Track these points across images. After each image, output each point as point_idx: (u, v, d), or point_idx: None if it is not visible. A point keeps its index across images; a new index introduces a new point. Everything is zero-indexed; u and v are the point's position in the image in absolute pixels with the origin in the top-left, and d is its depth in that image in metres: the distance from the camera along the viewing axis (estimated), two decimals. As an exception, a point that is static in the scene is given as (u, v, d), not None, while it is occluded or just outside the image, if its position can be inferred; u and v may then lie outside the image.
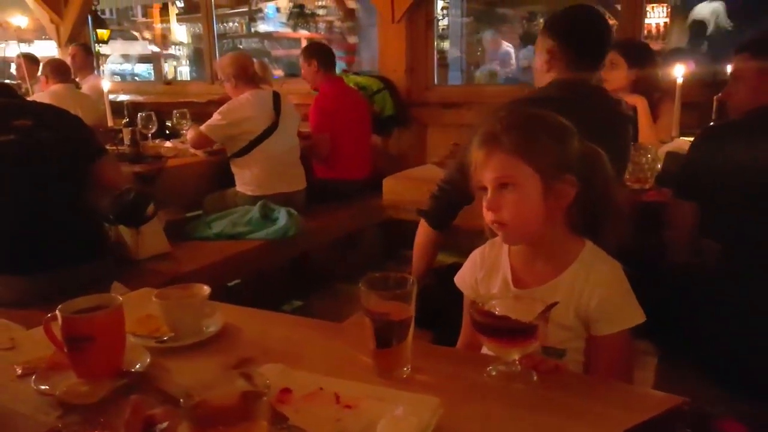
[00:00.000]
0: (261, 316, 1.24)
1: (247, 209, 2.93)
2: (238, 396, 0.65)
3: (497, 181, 1.03)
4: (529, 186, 1.02)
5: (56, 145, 2.15)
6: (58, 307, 0.96)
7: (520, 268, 1.10)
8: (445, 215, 1.75)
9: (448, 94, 3.64)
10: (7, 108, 2.18)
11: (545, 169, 1.02)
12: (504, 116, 1.06)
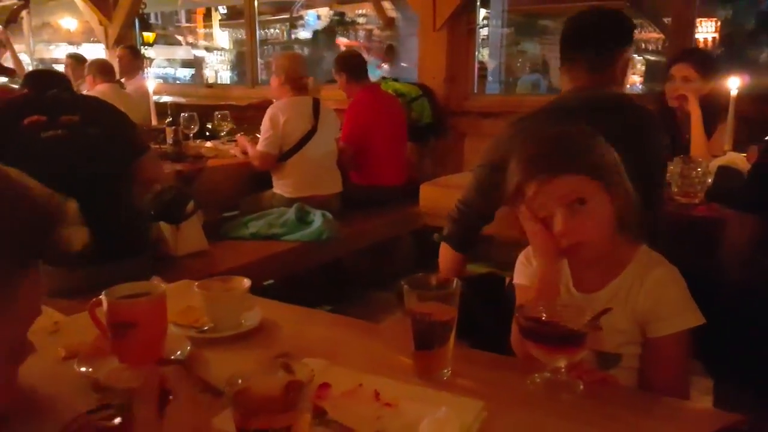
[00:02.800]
0: (298, 312, 1.24)
1: (282, 211, 2.95)
2: (283, 386, 0.64)
3: (566, 200, 0.99)
4: (600, 199, 1.00)
5: (102, 142, 2.19)
6: (104, 291, 0.97)
7: (577, 272, 1.08)
8: (467, 237, 1.67)
9: (488, 104, 3.61)
10: (57, 102, 2.24)
11: (606, 179, 1.00)
12: (547, 136, 1.05)
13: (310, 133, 3.05)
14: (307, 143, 3.04)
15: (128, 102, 4.06)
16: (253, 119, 4.36)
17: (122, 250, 2.22)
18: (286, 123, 3.01)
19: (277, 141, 3.02)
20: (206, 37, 9.19)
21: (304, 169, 3.06)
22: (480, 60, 4.06)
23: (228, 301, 1.12)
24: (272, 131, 3.01)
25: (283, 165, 3.07)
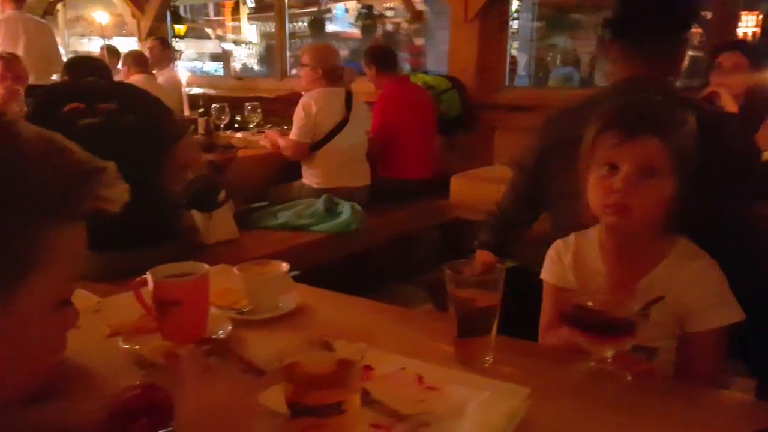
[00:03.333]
0: (335, 298, 1.24)
1: (311, 201, 2.97)
2: (333, 363, 0.64)
3: (642, 165, 0.96)
4: (670, 181, 0.97)
5: (138, 129, 2.23)
6: (149, 270, 0.98)
7: (611, 262, 1.06)
8: (505, 243, 1.61)
9: (519, 97, 3.57)
10: (96, 89, 2.28)
11: (680, 162, 0.97)
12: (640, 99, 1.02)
13: (342, 124, 3.05)
14: (337, 134, 3.04)
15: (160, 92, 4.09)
16: (281, 111, 4.39)
17: (155, 236, 2.26)
18: (318, 113, 3.01)
19: (309, 130, 3.03)
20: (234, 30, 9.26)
21: (333, 160, 3.06)
22: (510, 54, 4.02)
23: (267, 284, 1.13)
24: (305, 120, 3.01)
25: (313, 156, 3.08)
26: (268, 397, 0.77)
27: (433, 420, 0.73)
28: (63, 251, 0.50)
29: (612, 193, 0.97)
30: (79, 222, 0.52)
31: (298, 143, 3.05)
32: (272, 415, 0.76)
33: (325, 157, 3.06)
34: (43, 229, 0.48)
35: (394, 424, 0.73)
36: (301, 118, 3.03)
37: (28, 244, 0.47)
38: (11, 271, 0.46)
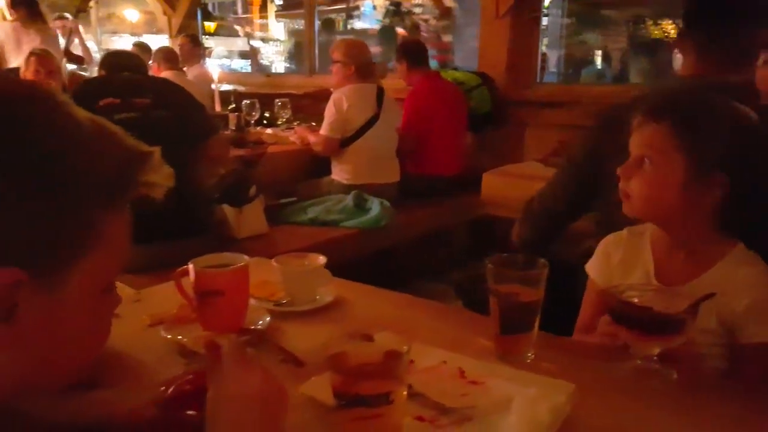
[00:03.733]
0: (372, 292, 1.24)
1: (341, 197, 2.97)
2: (381, 354, 0.64)
3: (638, 152, 0.99)
4: (669, 170, 0.95)
5: (172, 124, 2.25)
6: (191, 260, 0.99)
7: (661, 262, 1.03)
8: (548, 239, 1.56)
9: (551, 93, 3.52)
10: (131, 84, 2.31)
11: (696, 159, 0.94)
12: (676, 93, 1.00)
13: (372, 120, 3.04)
14: (368, 130, 3.04)
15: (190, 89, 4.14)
16: (310, 108, 4.41)
17: (187, 229, 2.29)
18: (349, 109, 3.01)
19: (340, 126, 3.03)
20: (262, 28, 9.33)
21: (363, 156, 3.06)
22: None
23: (305, 276, 1.14)
24: (336, 116, 3.01)
25: (343, 151, 3.08)
26: (310, 388, 0.78)
27: (476, 414, 0.72)
28: (112, 236, 0.50)
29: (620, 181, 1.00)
30: (126, 207, 0.52)
31: (328, 139, 3.06)
32: (315, 405, 0.76)
33: (355, 153, 3.06)
34: (94, 212, 0.48)
35: (437, 416, 0.72)
36: (332, 114, 3.03)
37: (80, 227, 0.47)
38: (63, 253, 0.47)
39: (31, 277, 0.44)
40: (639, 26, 5.92)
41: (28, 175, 0.44)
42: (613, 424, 0.76)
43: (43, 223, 0.45)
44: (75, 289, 0.48)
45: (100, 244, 0.49)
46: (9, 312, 0.44)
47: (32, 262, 0.44)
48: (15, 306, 0.44)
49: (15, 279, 0.43)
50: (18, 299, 0.44)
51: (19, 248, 0.44)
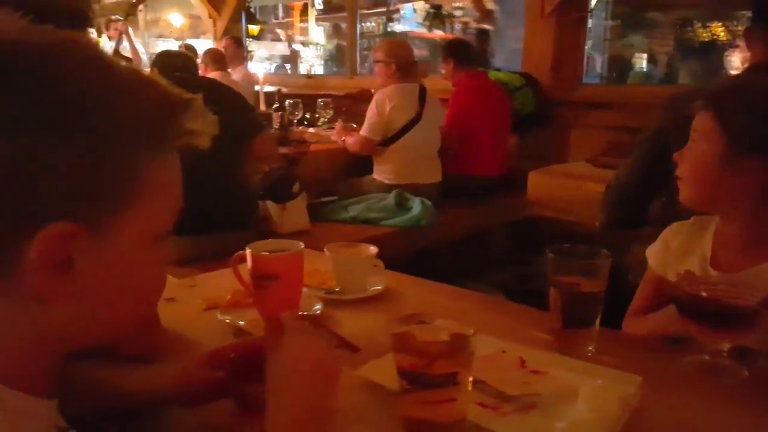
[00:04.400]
0: (423, 284, 1.23)
1: (382, 196, 2.97)
2: (447, 335, 0.63)
3: (690, 137, 1.00)
4: (708, 151, 0.96)
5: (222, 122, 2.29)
6: (249, 245, 1.00)
7: (720, 251, 1.00)
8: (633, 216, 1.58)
9: (596, 94, 3.45)
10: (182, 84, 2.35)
11: (735, 138, 0.94)
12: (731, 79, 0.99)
13: (415, 120, 3.03)
14: (410, 130, 3.03)
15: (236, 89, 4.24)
16: (351, 109, 4.44)
17: (231, 223, 2.32)
18: (392, 110, 3.01)
19: (380, 128, 3.04)
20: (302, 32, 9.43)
21: (405, 156, 3.05)
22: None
23: (356, 265, 1.14)
24: (377, 117, 3.02)
25: (385, 151, 3.09)
26: (369, 371, 0.77)
27: (541, 402, 0.71)
28: (160, 183, 0.50)
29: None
30: (173, 155, 0.52)
31: (366, 139, 3.06)
32: (373, 388, 0.76)
33: (396, 152, 3.06)
34: (138, 159, 0.47)
35: (500, 404, 0.71)
36: (373, 115, 3.04)
37: (125, 175, 0.47)
38: (112, 202, 0.47)
39: (83, 228, 0.44)
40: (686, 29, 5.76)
41: (69, 125, 0.44)
42: (682, 419, 0.73)
43: (88, 173, 0.44)
44: (128, 239, 0.48)
45: (149, 191, 0.48)
46: (67, 264, 0.44)
47: (82, 214, 0.44)
48: (71, 259, 0.44)
49: (67, 232, 0.43)
50: (73, 252, 0.44)
51: (68, 201, 0.44)
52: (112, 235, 0.47)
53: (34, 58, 0.44)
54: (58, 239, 0.43)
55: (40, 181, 0.43)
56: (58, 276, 0.44)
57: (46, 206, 0.43)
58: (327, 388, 0.58)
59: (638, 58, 5.76)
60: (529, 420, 0.67)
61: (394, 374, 0.69)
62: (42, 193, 0.43)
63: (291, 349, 0.57)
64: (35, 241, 0.42)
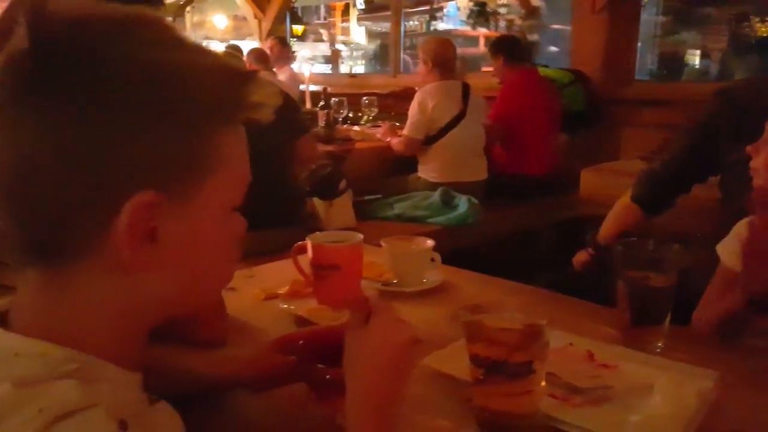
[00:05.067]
0: (480, 279, 1.22)
1: (428, 194, 2.96)
2: (521, 325, 0.62)
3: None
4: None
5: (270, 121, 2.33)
6: (309, 236, 1.01)
7: None
8: (660, 200, 1.59)
9: (650, 91, 3.34)
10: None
11: None
12: None
13: (458, 117, 3.01)
14: (454, 128, 3.01)
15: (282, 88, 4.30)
16: (393, 107, 4.44)
17: (278, 220, 2.35)
18: (434, 108, 3.00)
19: (423, 127, 3.03)
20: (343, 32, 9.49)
21: (450, 154, 3.03)
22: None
23: (413, 258, 1.14)
24: (419, 116, 3.01)
25: (429, 149, 3.07)
26: (435, 360, 0.77)
27: (614, 395, 0.69)
28: (232, 154, 0.50)
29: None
30: (241, 127, 0.52)
31: (410, 139, 3.06)
32: (436, 377, 0.76)
33: (441, 150, 3.04)
34: (214, 131, 0.48)
35: (570, 395, 0.70)
36: (415, 114, 3.03)
37: (203, 145, 0.47)
38: (192, 173, 0.47)
39: (166, 198, 0.45)
40: (742, 24, 5.55)
41: (150, 95, 0.44)
42: (762, 419, 0.70)
43: (171, 143, 0.45)
44: (206, 209, 0.49)
45: (223, 163, 0.49)
46: (152, 235, 0.45)
47: (165, 184, 0.45)
48: (156, 229, 0.45)
49: (152, 201, 0.44)
50: (157, 222, 0.45)
51: (150, 172, 0.45)
52: (191, 205, 0.47)
53: (107, 34, 0.45)
54: (143, 209, 0.44)
55: (123, 154, 0.44)
56: (144, 246, 0.45)
57: (130, 178, 0.44)
58: (406, 373, 0.58)
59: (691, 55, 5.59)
60: (601, 413, 0.66)
61: (461, 364, 0.69)
62: (125, 165, 0.44)
63: (380, 331, 0.57)
64: (122, 211, 0.43)
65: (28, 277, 0.47)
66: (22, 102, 0.43)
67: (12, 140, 0.44)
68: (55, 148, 0.43)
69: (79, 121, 0.43)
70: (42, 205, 0.44)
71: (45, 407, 0.39)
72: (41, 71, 0.43)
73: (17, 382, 0.41)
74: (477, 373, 0.61)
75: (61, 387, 0.41)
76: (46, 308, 0.46)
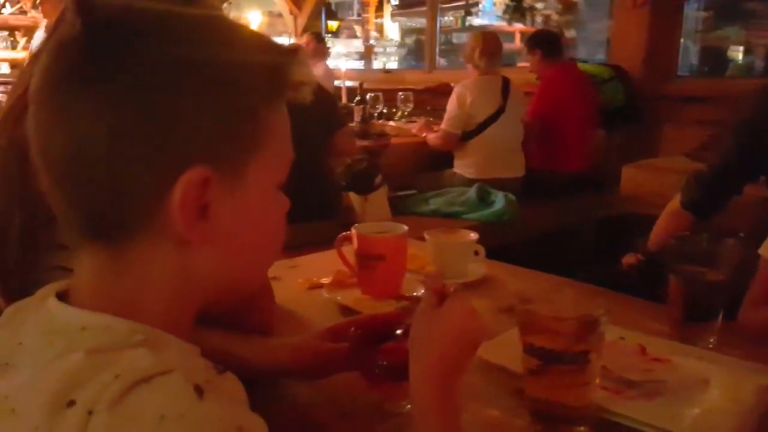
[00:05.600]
0: (523, 273, 1.22)
1: (463, 189, 2.94)
2: (577, 316, 0.62)
3: None
4: None
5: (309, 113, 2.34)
6: (354, 226, 1.02)
7: None
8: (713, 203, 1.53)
9: (693, 87, 3.26)
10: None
11: None
12: None
13: (497, 113, 2.99)
14: (492, 123, 2.99)
15: (317, 83, 4.33)
16: (429, 103, 4.43)
17: (316, 213, 2.38)
18: (473, 103, 2.98)
19: (460, 121, 3.01)
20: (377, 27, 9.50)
21: (487, 150, 3.01)
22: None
23: (457, 250, 1.14)
24: (458, 111, 3.00)
25: (466, 145, 3.05)
26: (485, 351, 0.77)
27: (666, 389, 0.68)
28: (277, 132, 0.50)
29: None
30: (284, 105, 0.52)
31: (447, 134, 3.04)
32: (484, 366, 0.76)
33: (478, 146, 3.02)
34: (261, 108, 0.48)
35: (623, 389, 0.69)
36: (453, 109, 3.01)
37: (252, 122, 0.48)
38: (241, 149, 0.47)
39: (217, 175, 0.45)
40: (790, 19, 5.35)
41: (200, 74, 0.45)
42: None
43: (222, 120, 0.45)
44: (254, 186, 0.49)
45: (270, 141, 0.49)
46: (205, 210, 0.46)
47: (216, 161, 0.45)
48: (208, 205, 0.45)
49: (203, 177, 0.44)
50: (210, 198, 0.45)
51: (202, 148, 0.45)
52: (242, 182, 0.48)
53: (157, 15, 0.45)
54: (196, 186, 0.44)
55: (176, 132, 0.44)
56: (197, 222, 0.45)
57: (182, 155, 0.44)
58: (470, 361, 0.59)
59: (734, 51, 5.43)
60: (656, 406, 0.65)
61: (511, 355, 0.69)
62: (177, 143, 0.44)
63: (453, 316, 0.57)
64: (176, 187, 0.44)
65: (87, 255, 0.48)
66: (74, 86, 0.44)
67: (66, 123, 0.44)
68: (109, 129, 0.43)
69: (131, 102, 0.43)
70: (97, 185, 0.45)
71: (121, 372, 0.39)
72: (92, 55, 0.43)
73: (90, 350, 0.41)
74: (531, 364, 0.61)
75: (134, 354, 0.41)
76: (106, 285, 0.47)
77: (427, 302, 0.59)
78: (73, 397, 0.39)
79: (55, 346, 0.44)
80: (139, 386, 0.39)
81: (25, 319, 0.48)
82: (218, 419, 0.40)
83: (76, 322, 0.45)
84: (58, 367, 0.41)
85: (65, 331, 0.44)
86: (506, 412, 0.68)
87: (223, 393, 0.44)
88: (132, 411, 0.38)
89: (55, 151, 0.45)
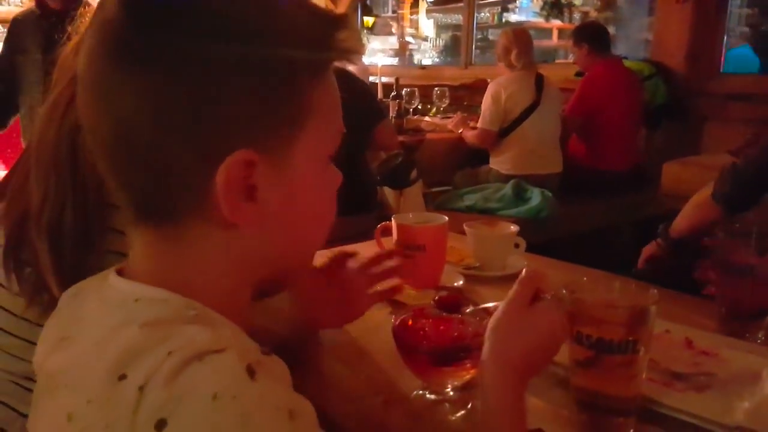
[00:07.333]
0: (564, 267, 1.20)
1: (499, 186, 2.92)
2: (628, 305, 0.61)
3: None
4: None
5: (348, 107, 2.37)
6: (393, 216, 1.03)
7: None
8: (744, 199, 1.48)
9: (740, 85, 3.15)
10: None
11: None
12: None
13: (532, 107, 2.95)
14: (528, 118, 2.96)
15: (352, 79, 4.34)
16: (465, 99, 4.41)
17: (352, 207, 2.38)
18: (507, 99, 2.96)
19: (497, 118, 2.99)
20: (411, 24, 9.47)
21: (523, 145, 2.98)
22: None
23: (497, 242, 1.13)
24: (493, 108, 2.98)
25: (502, 141, 3.03)
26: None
27: (716, 382, 0.67)
28: (323, 105, 0.49)
29: None
30: (332, 75, 0.51)
31: (485, 131, 3.02)
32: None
33: (514, 142, 2.99)
34: (303, 81, 0.47)
35: (670, 381, 0.68)
36: (489, 106, 2.99)
37: (296, 97, 0.47)
38: (285, 128, 0.47)
39: (263, 155, 0.45)
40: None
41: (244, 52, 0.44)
42: None
43: (263, 98, 0.45)
44: (301, 165, 0.48)
45: (314, 115, 0.48)
46: (252, 192, 0.46)
47: (261, 141, 0.45)
48: (254, 187, 0.46)
49: (248, 159, 0.44)
50: (256, 179, 0.45)
51: (246, 128, 0.45)
52: (288, 160, 0.47)
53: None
54: (241, 167, 0.44)
55: (219, 113, 0.44)
56: (244, 204, 0.45)
57: (226, 137, 0.44)
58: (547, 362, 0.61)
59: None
60: (706, 399, 0.64)
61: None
62: (221, 124, 0.44)
63: (546, 317, 0.58)
64: (221, 170, 0.44)
65: (139, 236, 0.49)
66: (117, 69, 0.44)
67: (111, 106, 0.45)
68: (153, 110, 0.44)
69: (175, 83, 0.43)
70: (143, 168, 0.45)
71: (175, 349, 0.39)
72: (134, 37, 0.44)
73: (144, 323, 0.42)
74: (579, 354, 0.60)
75: (188, 330, 0.41)
76: (159, 263, 0.48)
77: (520, 295, 0.59)
78: (125, 371, 0.39)
79: (111, 318, 0.44)
80: (192, 364, 0.39)
81: (87, 297, 0.50)
82: (270, 401, 0.40)
83: (131, 293, 0.45)
84: (112, 341, 0.41)
85: (123, 302, 0.45)
86: (552, 402, 0.68)
87: (274, 374, 0.44)
88: (185, 388, 0.38)
89: (103, 132, 0.46)
